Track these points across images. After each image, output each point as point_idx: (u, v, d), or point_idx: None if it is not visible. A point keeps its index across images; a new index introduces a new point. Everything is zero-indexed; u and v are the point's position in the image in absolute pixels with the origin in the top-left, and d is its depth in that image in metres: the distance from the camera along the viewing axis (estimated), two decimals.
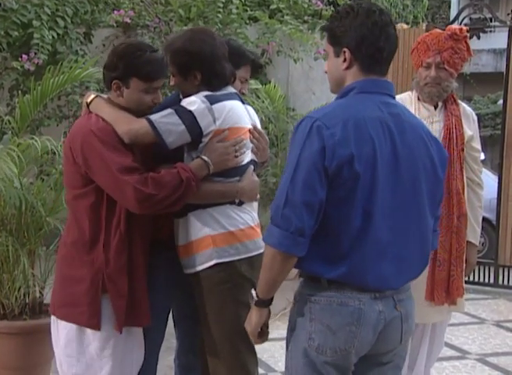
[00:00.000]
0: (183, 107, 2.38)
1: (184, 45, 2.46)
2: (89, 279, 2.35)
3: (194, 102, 2.38)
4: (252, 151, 2.56)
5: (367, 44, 1.94)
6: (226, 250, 2.43)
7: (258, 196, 2.60)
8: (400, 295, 2.01)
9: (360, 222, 1.88)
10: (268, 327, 2.08)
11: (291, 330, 2.03)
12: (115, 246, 2.35)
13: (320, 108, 2.01)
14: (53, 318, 2.50)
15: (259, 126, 2.67)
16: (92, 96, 2.44)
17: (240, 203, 2.48)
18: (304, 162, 1.85)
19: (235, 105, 2.48)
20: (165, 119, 2.34)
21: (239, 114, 2.49)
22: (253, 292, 2.00)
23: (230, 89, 2.54)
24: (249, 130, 2.54)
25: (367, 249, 1.90)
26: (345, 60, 1.97)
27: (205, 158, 2.37)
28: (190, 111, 2.36)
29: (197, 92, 2.45)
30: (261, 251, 2.29)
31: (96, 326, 2.36)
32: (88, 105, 2.44)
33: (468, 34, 3.14)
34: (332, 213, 1.87)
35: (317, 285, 1.95)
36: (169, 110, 2.37)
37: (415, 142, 1.98)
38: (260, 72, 3.01)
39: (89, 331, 2.38)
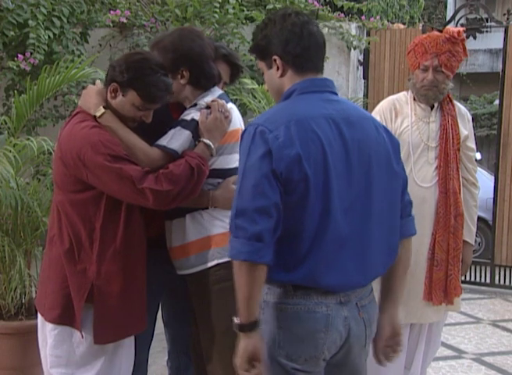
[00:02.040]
0: (185, 120, 2.41)
1: (173, 43, 2.45)
2: (80, 286, 2.35)
3: (196, 114, 2.42)
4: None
5: (292, 46, 1.95)
6: (226, 249, 2.42)
7: None
8: (362, 301, 2.00)
9: (318, 222, 1.86)
10: (260, 360, 1.86)
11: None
12: (109, 259, 2.34)
13: (262, 114, 2.01)
14: (42, 319, 2.49)
15: (242, 126, 2.68)
16: (102, 110, 2.35)
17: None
18: (251, 169, 1.83)
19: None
20: (175, 138, 2.37)
21: (234, 115, 2.51)
22: (234, 319, 1.88)
23: (218, 90, 2.54)
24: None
25: (326, 248, 1.87)
26: (278, 68, 1.98)
27: (206, 141, 2.39)
28: (193, 119, 2.40)
29: (183, 91, 2.46)
30: None
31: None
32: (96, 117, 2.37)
33: (465, 35, 3.15)
34: (288, 217, 1.85)
35: (282, 292, 1.92)
36: (174, 129, 2.39)
37: (365, 133, 1.97)
38: (240, 75, 2.92)
39: (79, 333, 2.37)
